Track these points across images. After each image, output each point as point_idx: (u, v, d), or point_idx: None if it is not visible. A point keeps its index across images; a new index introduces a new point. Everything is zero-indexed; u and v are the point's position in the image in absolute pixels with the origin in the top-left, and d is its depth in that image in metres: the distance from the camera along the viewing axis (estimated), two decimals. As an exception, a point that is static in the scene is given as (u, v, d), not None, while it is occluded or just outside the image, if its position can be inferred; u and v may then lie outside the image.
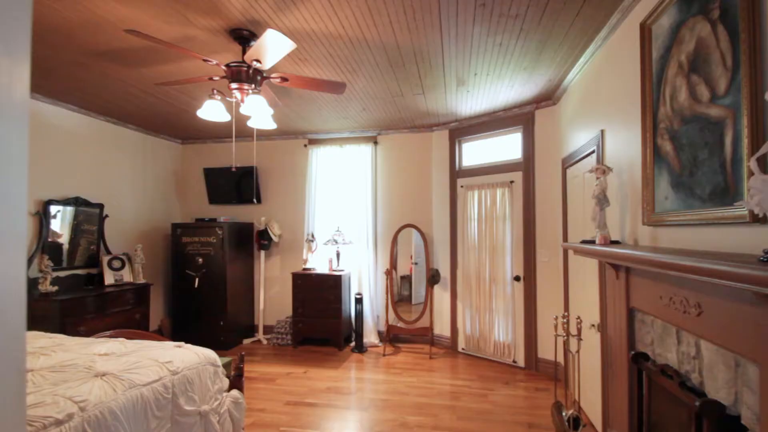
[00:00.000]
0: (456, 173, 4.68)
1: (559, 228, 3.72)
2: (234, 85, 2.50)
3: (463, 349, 4.55)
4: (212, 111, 2.57)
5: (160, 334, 5.31)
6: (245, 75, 2.48)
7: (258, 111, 2.44)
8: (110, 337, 2.53)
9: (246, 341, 5.14)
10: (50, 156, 3.95)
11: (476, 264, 4.38)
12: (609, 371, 2.32)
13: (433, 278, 4.65)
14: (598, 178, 2.28)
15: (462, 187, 4.58)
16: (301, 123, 4.74)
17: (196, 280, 4.89)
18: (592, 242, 2.25)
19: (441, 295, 4.80)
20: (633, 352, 1.96)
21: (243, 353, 2.48)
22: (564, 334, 2.32)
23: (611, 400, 2.30)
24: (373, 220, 5.07)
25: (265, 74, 2.61)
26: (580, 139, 3.12)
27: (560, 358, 3.64)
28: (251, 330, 5.37)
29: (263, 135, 5.37)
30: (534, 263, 3.98)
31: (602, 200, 2.23)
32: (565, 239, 3.50)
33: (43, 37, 2.58)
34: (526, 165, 4.03)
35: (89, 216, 4.38)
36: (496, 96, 3.73)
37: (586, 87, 2.98)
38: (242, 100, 2.50)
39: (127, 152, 4.90)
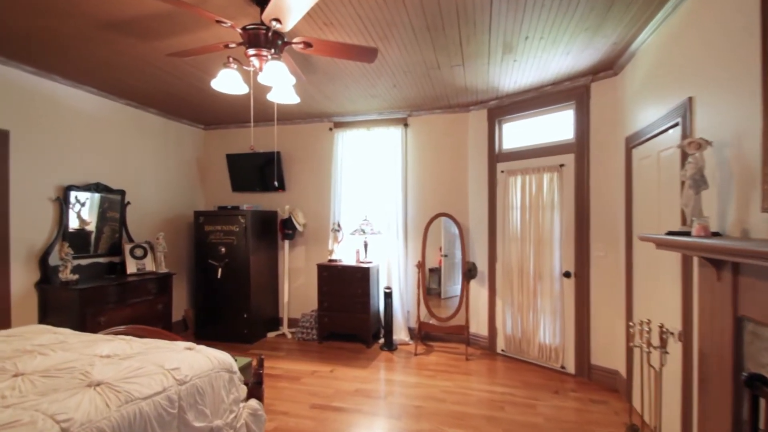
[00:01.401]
0: (495, 157, 4.23)
1: (619, 218, 3.25)
2: (251, 51, 2.17)
3: (502, 350, 4.15)
4: (228, 81, 2.26)
5: (184, 325, 5.19)
6: (263, 39, 2.16)
7: (278, 79, 2.11)
8: (123, 333, 2.30)
9: (270, 335, 4.93)
10: (71, 140, 3.79)
11: (518, 257, 3.96)
12: (702, 393, 1.89)
13: (469, 272, 4.25)
14: (691, 154, 1.83)
15: (502, 172, 4.14)
16: (326, 104, 4.41)
17: (219, 270, 4.70)
18: (683, 233, 1.81)
19: (478, 291, 4.41)
20: (746, 374, 1.54)
21: (262, 356, 2.20)
22: (645, 345, 1.90)
23: (705, 427, 1.87)
24: (403, 209, 4.71)
25: (286, 39, 2.27)
26: (652, 112, 2.63)
27: (618, 365, 3.20)
28: (276, 323, 5.15)
29: (286, 119, 5.08)
30: (587, 258, 3.52)
31: (699, 182, 1.78)
32: (629, 231, 3.03)
33: (49, 7, 2.34)
34: (580, 146, 3.55)
35: (112, 203, 4.24)
36: (547, 66, 3.26)
37: (665, 48, 2.48)
38: (260, 68, 2.18)
39: (149, 137, 4.72)
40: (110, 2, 2.31)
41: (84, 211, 3.96)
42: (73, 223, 3.87)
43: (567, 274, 3.62)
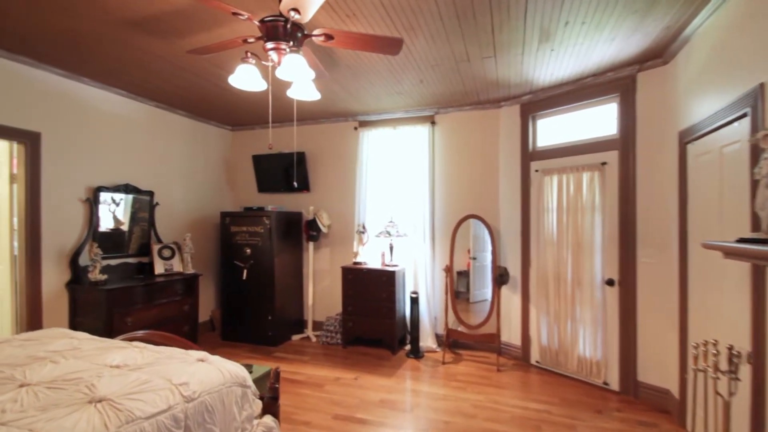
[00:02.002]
0: (529, 155, 3.97)
1: (671, 221, 2.94)
2: (270, 45, 2.06)
3: (537, 362, 3.89)
4: (245, 77, 2.17)
5: (211, 326, 5.21)
6: (282, 31, 2.04)
7: (297, 73, 1.99)
8: (141, 338, 2.24)
9: (295, 338, 4.86)
10: (100, 142, 3.84)
11: (555, 263, 3.69)
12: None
13: (500, 278, 4.01)
14: (765, 149, 1.56)
15: (537, 171, 3.87)
16: (350, 102, 4.28)
17: (245, 271, 4.67)
18: (760, 241, 1.55)
19: (509, 298, 4.16)
20: None
21: (278, 368, 2.08)
22: (711, 370, 1.65)
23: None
24: (430, 210, 4.52)
25: (305, 31, 2.15)
26: (712, 103, 2.34)
27: (670, 384, 2.89)
28: (300, 325, 5.08)
29: (311, 118, 5.01)
30: (633, 264, 3.21)
31: (780, 180, 1.52)
32: (683, 236, 2.73)
33: (70, 6, 2.32)
34: (624, 142, 3.25)
35: (142, 204, 4.29)
36: (589, 55, 2.99)
37: (729, 30, 2.19)
38: (279, 63, 2.06)
39: (178, 139, 4.76)
40: (128, 0, 2.27)
41: (119, 211, 4.04)
42: (108, 224, 3.94)
43: (610, 282, 3.33)
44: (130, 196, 4.13)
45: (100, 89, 3.81)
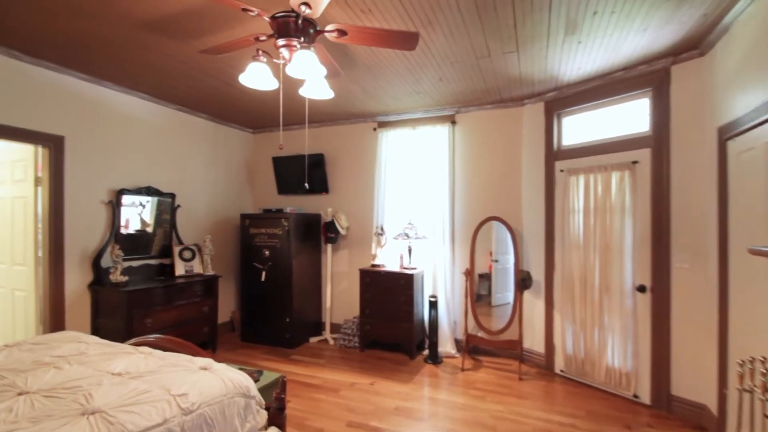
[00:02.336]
0: (554, 155, 3.80)
1: (709, 223, 2.74)
2: (281, 42, 2.01)
3: (562, 371, 3.71)
4: (256, 75, 2.13)
5: (231, 327, 5.24)
6: (293, 27, 1.99)
7: (307, 70, 1.93)
8: (151, 343, 2.21)
9: (313, 340, 4.82)
10: (123, 145, 3.91)
11: (581, 267, 3.51)
12: None
13: (523, 282, 3.85)
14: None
15: (562, 171, 3.70)
16: (368, 102, 4.22)
17: (263, 273, 4.67)
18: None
19: (532, 303, 3.99)
20: None
21: (284, 378, 2.02)
22: (759, 390, 1.48)
23: None
24: (450, 212, 4.40)
25: (318, 27, 2.09)
26: (756, 95, 2.14)
27: (707, 399, 2.68)
28: (318, 327, 5.04)
29: (330, 120, 4.98)
30: (667, 270, 3.01)
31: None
32: (723, 239, 2.52)
33: (84, 8, 2.34)
34: (657, 140, 3.05)
35: (164, 206, 4.35)
36: (618, 48, 2.82)
37: (777, 14, 2.00)
38: (290, 60, 2.01)
39: (200, 142, 4.82)
40: (141, 1, 2.27)
41: (145, 213, 4.12)
42: (135, 225, 4.03)
43: (641, 289, 3.13)
44: (155, 199, 4.20)
45: (123, 93, 3.87)
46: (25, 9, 2.38)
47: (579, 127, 3.70)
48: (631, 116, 3.29)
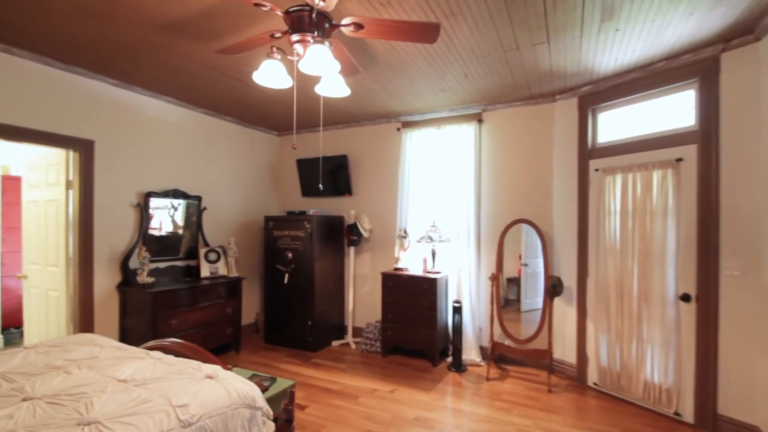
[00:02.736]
0: (588, 153, 3.57)
1: (763, 227, 2.46)
2: (295, 37, 1.95)
3: (595, 384, 3.47)
4: (270, 73, 2.07)
5: (256, 328, 5.26)
6: (308, 21, 1.92)
7: (321, 65, 1.85)
8: (166, 347, 2.18)
9: (335, 343, 4.76)
10: (151, 148, 3.98)
11: (617, 273, 3.26)
12: None
13: (553, 289, 3.64)
14: None
15: (597, 170, 3.47)
16: (392, 102, 4.12)
17: (286, 275, 4.65)
18: None
19: (563, 311, 3.76)
20: None
21: (293, 389, 1.94)
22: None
23: None
24: (475, 214, 4.23)
25: (333, 21, 2.01)
26: (826, 81, 1.89)
27: (760, 421, 2.41)
28: (341, 331, 4.98)
29: (353, 120, 4.92)
30: (715, 278, 2.74)
31: None
32: (783, 245, 2.26)
33: (109, 12, 2.37)
34: (705, 135, 2.79)
35: (192, 208, 4.41)
36: (661, 35, 2.59)
37: None
38: (304, 55, 1.94)
39: (226, 145, 4.86)
40: (158, 2, 2.26)
41: (177, 215, 4.21)
42: (168, 227, 4.12)
43: (685, 298, 2.87)
44: (185, 201, 4.27)
45: (151, 97, 3.94)
46: (52, 13, 2.42)
47: (616, 123, 3.45)
48: (675, 110, 3.04)
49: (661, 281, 3.00)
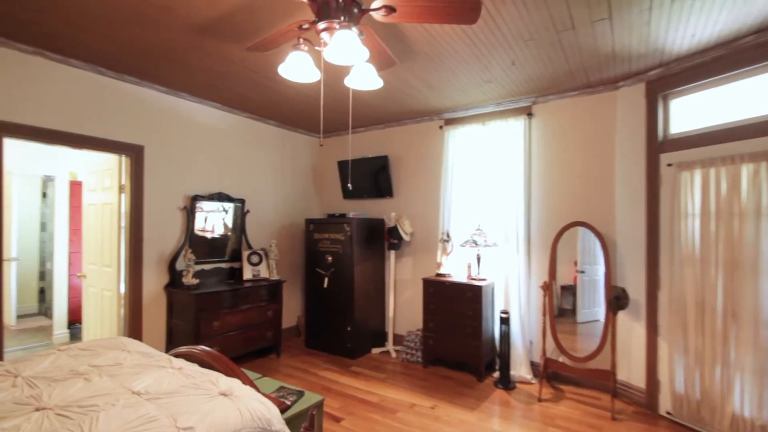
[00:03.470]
0: (659, 146, 3.13)
1: None
2: (322, 25, 1.81)
3: (668, 413, 3.00)
4: (296, 66, 1.95)
5: (297, 331, 5.23)
6: (334, 8, 1.77)
7: (347, 53, 1.70)
8: (193, 354, 2.11)
9: (375, 351, 4.60)
10: (197, 153, 4.08)
11: (697, 286, 2.80)
12: None
13: (617, 301, 3.21)
14: None
15: (670, 165, 3.02)
16: (432, 98, 3.90)
17: (326, 279, 4.57)
18: None
19: (629, 326, 3.32)
20: None
21: (318, 407, 1.77)
22: None
23: None
24: (525, 216, 3.88)
25: (363, 6, 1.85)
26: None
27: None
28: (381, 338, 4.81)
29: (394, 120, 4.75)
30: (830, 294, 2.24)
31: None
32: None
33: (143, 15, 2.39)
34: (812, 120, 2.30)
35: (236, 211, 4.48)
36: (749, 4, 2.17)
37: None
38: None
39: (268, 148, 4.91)
40: (189, 3, 2.24)
41: (228, 218, 4.32)
42: (219, 230, 4.22)
43: (788, 317, 2.37)
44: (233, 204, 4.35)
45: (197, 103, 4.04)
46: (105, 20, 2.49)
47: (693, 111, 2.99)
48: (766, 92, 2.55)
49: (753, 295, 2.51)
